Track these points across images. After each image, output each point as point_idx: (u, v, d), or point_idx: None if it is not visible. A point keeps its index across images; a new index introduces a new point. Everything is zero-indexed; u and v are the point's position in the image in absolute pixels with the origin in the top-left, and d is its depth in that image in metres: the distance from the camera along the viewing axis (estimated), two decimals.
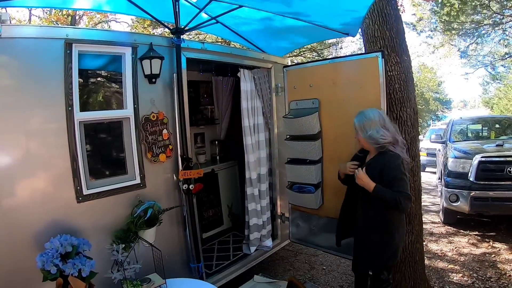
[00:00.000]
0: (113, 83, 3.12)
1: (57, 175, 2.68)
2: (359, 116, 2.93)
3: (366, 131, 2.83)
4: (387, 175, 2.73)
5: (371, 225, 2.87)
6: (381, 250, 2.86)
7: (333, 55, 14.93)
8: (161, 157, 3.21)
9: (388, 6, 3.69)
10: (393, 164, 2.75)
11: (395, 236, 2.87)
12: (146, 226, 2.88)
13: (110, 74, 3.12)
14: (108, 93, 3.12)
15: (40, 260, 2.27)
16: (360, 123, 2.88)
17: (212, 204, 5.24)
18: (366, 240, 2.92)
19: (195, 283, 2.95)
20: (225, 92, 5.58)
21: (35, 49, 2.58)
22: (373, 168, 2.82)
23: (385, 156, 2.81)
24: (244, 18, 3.84)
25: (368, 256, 2.94)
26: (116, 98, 3.10)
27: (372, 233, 2.87)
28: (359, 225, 2.96)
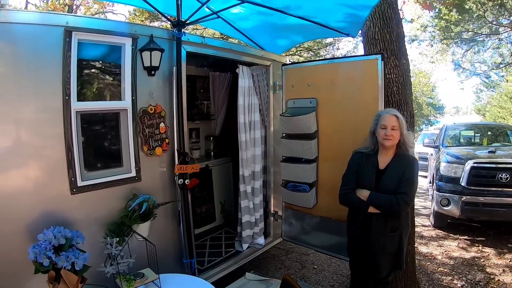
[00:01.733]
0: (112, 73, 3.08)
1: (51, 165, 2.63)
2: (400, 116, 2.83)
3: (403, 134, 2.79)
4: (406, 175, 2.72)
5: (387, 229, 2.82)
6: (401, 251, 2.86)
7: (330, 54, 14.99)
8: (157, 151, 3.18)
9: (390, 9, 3.72)
10: (415, 167, 2.77)
11: (407, 232, 2.93)
12: (140, 220, 2.85)
13: (109, 64, 3.08)
14: (107, 83, 3.07)
15: (32, 252, 2.23)
16: (402, 122, 2.80)
17: (205, 200, 5.22)
18: (385, 245, 2.84)
19: (189, 279, 2.92)
20: (222, 88, 5.57)
21: (34, 36, 2.52)
22: (394, 172, 2.78)
23: (407, 159, 2.79)
24: (244, 14, 3.84)
25: (387, 261, 2.88)
26: (114, 89, 3.05)
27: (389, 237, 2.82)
28: (378, 231, 2.85)
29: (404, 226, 2.86)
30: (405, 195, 2.67)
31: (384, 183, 2.77)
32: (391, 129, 2.76)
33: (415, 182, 2.74)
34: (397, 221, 2.80)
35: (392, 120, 2.78)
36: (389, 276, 2.95)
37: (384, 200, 2.71)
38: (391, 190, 2.72)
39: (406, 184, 2.69)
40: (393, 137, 2.77)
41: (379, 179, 2.81)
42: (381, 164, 2.87)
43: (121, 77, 3.00)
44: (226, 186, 5.57)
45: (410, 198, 2.71)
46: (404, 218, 2.86)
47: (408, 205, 2.71)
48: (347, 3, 3.28)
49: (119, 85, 3.02)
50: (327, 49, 14.57)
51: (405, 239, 2.88)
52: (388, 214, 2.75)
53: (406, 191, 2.68)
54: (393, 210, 2.70)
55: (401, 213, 2.75)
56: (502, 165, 5.92)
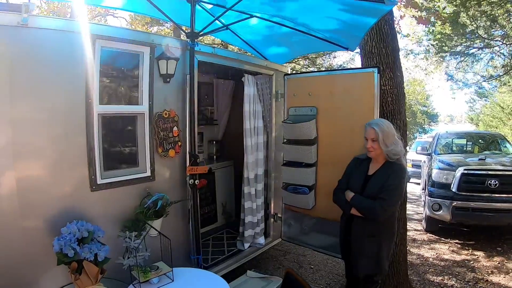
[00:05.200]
0: (131, 79, 3.27)
1: (73, 164, 2.80)
2: (379, 128, 2.84)
3: (387, 146, 2.82)
4: (388, 182, 2.78)
5: (365, 233, 2.92)
6: (377, 257, 2.90)
7: (327, 62, 15.18)
8: (171, 153, 3.39)
9: (386, 25, 3.94)
10: (398, 175, 2.83)
11: (390, 242, 2.99)
12: (155, 217, 3.05)
13: (129, 71, 3.27)
14: (126, 88, 3.27)
15: (57, 244, 2.38)
16: (383, 135, 2.82)
17: (208, 202, 5.39)
18: (363, 248, 2.95)
19: (200, 272, 3.10)
20: (225, 94, 5.81)
21: (60, 41, 2.68)
22: (379, 179, 2.86)
23: (393, 167, 2.85)
24: (251, 26, 4.04)
25: (365, 263, 2.96)
26: (133, 94, 3.26)
27: (366, 241, 2.92)
28: (357, 234, 2.99)
29: (385, 233, 2.92)
30: (383, 201, 2.75)
31: (369, 188, 2.90)
32: (371, 140, 2.88)
33: (396, 189, 2.79)
34: (377, 227, 2.87)
35: (371, 132, 2.87)
36: (374, 276, 3.00)
37: (364, 203, 2.84)
38: (374, 195, 2.82)
39: (386, 190, 2.77)
40: (373, 148, 2.88)
41: (366, 184, 2.95)
42: (371, 170, 2.99)
43: (139, 83, 3.22)
44: (227, 189, 5.74)
45: (388, 204, 2.76)
46: (386, 225, 2.92)
47: (385, 211, 2.77)
48: (348, 21, 3.48)
49: (137, 91, 3.23)
50: (324, 58, 14.75)
51: (385, 245, 2.93)
52: (368, 218, 2.85)
53: (385, 197, 2.75)
54: (371, 214, 2.81)
55: (378, 217, 2.80)
56: (491, 171, 6.17)
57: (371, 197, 2.83)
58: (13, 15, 2.42)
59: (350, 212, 2.96)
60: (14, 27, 2.43)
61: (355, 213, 2.91)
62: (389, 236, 2.98)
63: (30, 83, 2.57)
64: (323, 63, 15.00)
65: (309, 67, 14.38)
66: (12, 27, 2.43)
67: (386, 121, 3.03)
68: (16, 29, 2.44)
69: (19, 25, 2.44)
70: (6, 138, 2.48)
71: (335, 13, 3.38)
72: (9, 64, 2.45)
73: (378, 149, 2.87)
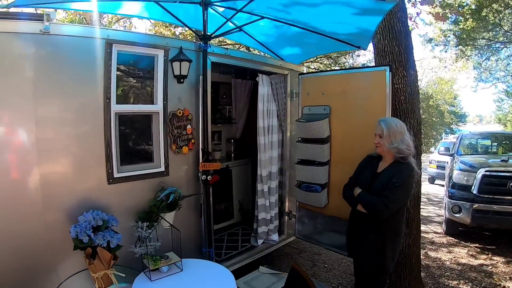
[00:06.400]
0: (146, 80, 3.45)
1: (92, 159, 3.02)
2: (386, 125, 2.90)
3: (392, 142, 2.84)
4: (392, 180, 2.80)
5: (369, 230, 2.94)
6: (380, 255, 2.91)
7: (349, 62, 15.08)
8: (184, 149, 3.55)
9: (399, 23, 3.93)
10: (404, 173, 2.82)
11: (394, 242, 2.98)
12: (167, 210, 3.21)
13: (144, 72, 3.45)
14: (141, 89, 3.46)
15: (74, 231, 2.60)
16: (388, 132, 2.86)
17: (225, 198, 5.53)
18: (366, 245, 2.98)
19: (208, 264, 3.22)
20: (243, 94, 5.94)
21: (80, 46, 2.90)
22: (385, 177, 2.89)
23: (399, 166, 2.86)
24: (264, 27, 4.12)
25: (368, 261, 3.00)
26: (148, 94, 3.44)
27: (370, 239, 2.94)
28: (361, 231, 3.02)
29: (388, 232, 2.92)
30: (385, 198, 2.76)
31: (376, 185, 2.92)
32: (378, 136, 2.94)
33: (400, 188, 2.79)
34: (381, 225, 2.88)
35: (379, 129, 2.93)
36: (378, 275, 3.00)
37: (369, 199, 2.87)
38: (379, 192, 2.84)
39: (389, 188, 2.78)
40: (379, 144, 2.94)
41: (374, 181, 2.98)
42: (379, 168, 3.02)
43: (154, 84, 3.40)
44: (244, 186, 5.87)
45: (390, 201, 2.75)
46: (390, 224, 2.91)
47: (387, 208, 2.76)
48: (355, 20, 3.50)
49: (152, 91, 3.41)
50: (346, 57, 14.67)
51: (389, 244, 2.92)
52: (372, 215, 2.88)
53: (388, 194, 2.76)
54: (373, 210, 2.84)
55: (380, 214, 2.81)
56: None
57: (377, 194, 2.84)
58: (36, 24, 2.66)
59: (356, 208, 3.01)
60: (37, 34, 2.66)
61: (361, 209, 2.95)
62: (393, 236, 2.96)
63: (53, 85, 2.79)
64: (346, 62, 14.91)
65: (333, 66, 14.32)
66: (35, 35, 2.66)
67: (397, 120, 3.03)
68: (39, 36, 2.67)
69: (41, 33, 2.67)
70: (31, 136, 2.71)
71: (344, 12, 3.42)
72: (33, 68, 2.69)
73: (384, 146, 2.91)
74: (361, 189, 3.01)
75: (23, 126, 2.71)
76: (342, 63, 14.58)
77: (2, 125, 2.66)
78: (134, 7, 3.89)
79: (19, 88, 2.67)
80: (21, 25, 2.63)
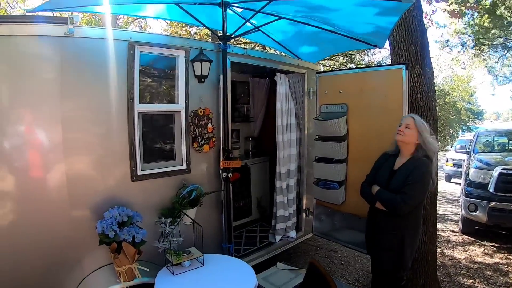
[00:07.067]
0: (168, 80, 3.54)
1: (116, 157, 3.11)
2: (416, 119, 2.96)
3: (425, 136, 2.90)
4: (410, 176, 2.83)
5: (388, 227, 2.98)
6: (399, 251, 2.93)
7: (365, 60, 15.02)
8: (205, 148, 3.63)
9: (414, 21, 3.94)
10: (421, 169, 2.84)
11: (413, 238, 3.00)
12: (189, 206, 3.30)
13: (166, 73, 3.53)
14: (164, 89, 3.54)
15: (100, 226, 2.69)
16: (416, 125, 2.92)
17: (243, 196, 5.61)
18: (385, 242, 3.00)
19: (229, 259, 3.30)
20: (260, 92, 6.01)
21: (103, 48, 2.98)
22: (402, 174, 2.91)
23: (417, 162, 2.89)
24: (281, 26, 4.17)
25: (387, 257, 3.01)
26: (170, 94, 3.53)
27: (389, 235, 2.97)
28: (380, 228, 3.05)
29: (407, 228, 2.94)
30: (404, 195, 2.78)
31: (394, 182, 2.95)
32: (404, 126, 2.96)
33: (418, 183, 2.81)
34: (400, 222, 2.91)
35: (409, 120, 2.98)
36: (396, 271, 3.02)
37: (388, 196, 2.89)
38: (397, 189, 2.86)
39: (408, 184, 2.81)
40: (403, 133, 2.96)
41: (391, 178, 3.00)
42: (396, 165, 3.05)
43: (176, 84, 3.49)
44: (262, 184, 5.95)
45: (409, 198, 2.78)
46: (409, 220, 2.94)
47: (406, 204, 2.78)
48: (372, 19, 3.54)
49: (174, 91, 3.50)
50: (362, 55, 14.60)
51: (408, 241, 2.93)
52: (391, 212, 2.91)
53: (407, 191, 2.79)
54: (393, 207, 2.86)
55: (399, 210, 2.82)
56: None
57: (395, 191, 2.87)
58: (60, 27, 2.75)
59: (375, 206, 3.05)
60: (62, 37, 2.76)
61: (379, 206, 2.98)
62: (412, 232, 2.99)
63: (78, 86, 2.88)
64: (362, 60, 14.84)
65: (348, 64, 14.28)
66: (60, 37, 2.76)
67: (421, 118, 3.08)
68: (63, 39, 2.77)
69: (65, 35, 2.76)
70: (57, 135, 2.80)
71: (361, 12, 3.46)
72: (59, 69, 2.78)
73: (409, 136, 2.95)
74: (378, 186, 3.04)
75: (50, 125, 2.79)
76: (358, 61, 14.51)
77: (30, 125, 2.75)
78: (154, 9, 3.99)
79: (46, 89, 2.75)
80: (47, 28, 2.72)
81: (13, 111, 2.67)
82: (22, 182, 2.73)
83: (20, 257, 2.70)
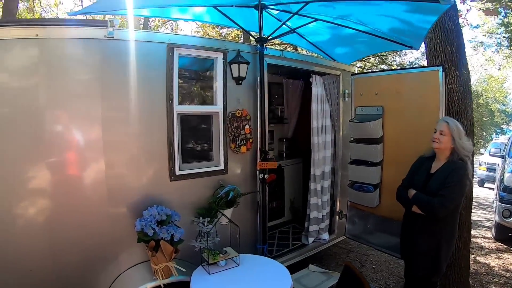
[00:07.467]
0: (206, 82, 3.60)
1: (155, 157, 3.17)
2: (450, 124, 2.92)
3: (452, 141, 2.88)
4: (448, 179, 2.79)
5: (425, 231, 2.93)
6: (435, 256, 2.90)
7: (397, 61, 14.80)
8: (242, 149, 3.66)
9: (450, 22, 3.87)
10: (458, 171, 2.81)
11: (449, 243, 2.96)
12: (226, 207, 3.33)
13: (204, 74, 3.60)
14: (202, 90, 3.61)
15: (139, 224, 2.75)
16: (450, 130, 2.89)
17: (276, 197, 5.59)
18: (421, 246, 2.97)
19: (265, 260, 3.30)
20: (294, 94, 6.01)
21: (142, 50, 3.03)
22: (439, 177, 2.88)
23: (454, 165, 2.86)
24: (316, 28, 4.18)
25: (422, 262, 2.97)
26: (208, 95, 3.58)
27: (425, 239, 2.92)
28: (417, 232, 3.00)
29: (444, 232, 2.91)
30: (442, 198, 2.75)
31: (430, 186, 2.91)
32: (439, 133, 2.92)
33: (456, 186, 2.78)
34: (437, 226, 2.87)
35: (442, 125, 2.93)
36: (431, 276, 2.98)
37: (425, 200, 2.85)
38: (434, 192, 2.82)
39: (445, 187, 2.77)
40: (439, 141, 2.92)
41: (428, 182, 2.96)
42: (433, 169, 3.00)
43: (214, 85, 3.52)
44: (296, 185, 5.93)
45: (447, 201, 2.75)
46: (446, 224, 2.90)
47: (444, 207, 2.76)
48: (410, 19, 3.52)
49: (212, 92, 3.54)
50: (393, 56, 14.40)
51: (445, 245, 2.91)
52: (428, 216, 2.87)
53: (445, 194, 2.75)
54: (430, 210, 2.82)
55: (437, 214, 2.79)
56: None
57: (432, 195, 2.83)
58: (100, 30, 2.81)
59: (411, 210, 3.00)
60: (102, 39, 2.82)
61: (416, 210, 2.94)
62: (448, 237, 2.95)
63: (117, 87, 2.95)
64: (394, 61, 14.63)
65: (379, 65, 14.11)
66: (100, 40, 2.82)
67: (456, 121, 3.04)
68: (103, 41, 2.83)
69: (106, 38, 2.83)
70: (98, 135, 2.87)
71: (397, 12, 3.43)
72: (99, 71, 2.85)
73: (444, 143, 2.91)
74: (415, 190, 3.00)
75: (91, 126, 2.86)
76: (390, 62, 14.32)
77: (72, 125, 2.82)
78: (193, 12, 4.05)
79: (87, 91, 2.83)
80: (87, 31, 2.79)
81: (55, 111, 2.75)
82: (63, 180, 2.80)
83: (59, 253, 2.78)
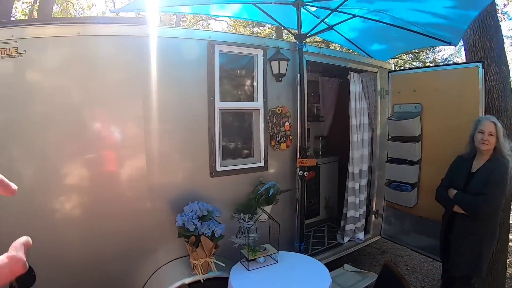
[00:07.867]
0: (247, 79, 3.62)
1: (196, 153, 3.20)
2: (499, 124, 2.90)
3: (501, 140, 2.86)
4: (491, 177, 2.78)
5: (466, 231, 2.91)
6: (476, 256, 2.88)
7: (430, 57, 14.53)
8: (282, 146, 3.67)
9: (489, 17, 3.79)
10: (501, 170, 2.79)
11: (490, 244, 2.93)
12: (266, 203, 3.33)
13: (245, 71, 3.62)
14: (242, 87, 3.63)
15: (180, 219, 2.78)
16: (497, 130, 2.87)
17: (312, 195, 5.57)
18: (462, 247, 2.95)
19: (304, 258, 3.28)
20: (330, 92, 5.99)
21: (183, 48, 3.08)
22: (481, 176, 2.86)
23: (496, 163, 2.84)
24: (354, 25, 4.15)
25: (463, 262, 2.96)
26: (249, 92, 3.60)
27: (467, 240, 2.90)
28: (458, 232, 2.98)
29: (486, 232, 2.88)
30: (485, 196, 2.73)
31: (472, 185, 2.87)
32: (488, 134, 2.87)
33: (499, 185, 2.76)
34: (479, 225, 2.85)
35: (491, 126, 2.88)
36: (471, 278, 2.96)
37: (467, 199, 2.82)
38: (477, 192, 2.80)
39: (488, 185, 2.75)
40: (489, 142, 2.87)
41: (469, 181, 2.92)
42: (474, 168, 2.98)
43: (254, 82, 3.54)
44: (331, 184, 5.89)
45: (491, 199, 2.73)
46: (488, 224, 2.87)
47: (487, 206, 2.74)
48: (449, 15, 3.45)
49: (253, 89, 3.56)
50: (427, 52, 14.12)
51: (486, 245, 2.89)
52: (471, 215, 2.83)
53: (487, 192, 2.73)
54: (473, 210, 2.78)
55: (481, 212, 2.78)
56: None
57: (474, 194, 2.82)
58: (139, 27, 2.86)
59: (453, 210, 2.96)
60: (144, 37, 2.85)
61: (457, 210, 2.91)
62: (490, 237, 2.92)
63: (158, 84, 2.97)
64: (427, 57, 14.36)
65: (413, 62, 13.89)
66: (142, 37, 2.85)
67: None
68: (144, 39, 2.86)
69: (146, 36, 2.85)
70: (139, 132, 2.92)
71: (437, 7, 3.37)
72: (139, 69, 2.88)
73: (493, 144, 2.87)
74: (456, 190, 2.97)
75: (133, 123, 2.91)
76: (423, 59, 14.06)
77: (115, 122, 2.87)
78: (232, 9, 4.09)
79: (129, 88, 2.88)
80: (128, 29, 2.83)
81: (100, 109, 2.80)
82: (108, 175, 2.87)
83: (101, 246, 2.83)
